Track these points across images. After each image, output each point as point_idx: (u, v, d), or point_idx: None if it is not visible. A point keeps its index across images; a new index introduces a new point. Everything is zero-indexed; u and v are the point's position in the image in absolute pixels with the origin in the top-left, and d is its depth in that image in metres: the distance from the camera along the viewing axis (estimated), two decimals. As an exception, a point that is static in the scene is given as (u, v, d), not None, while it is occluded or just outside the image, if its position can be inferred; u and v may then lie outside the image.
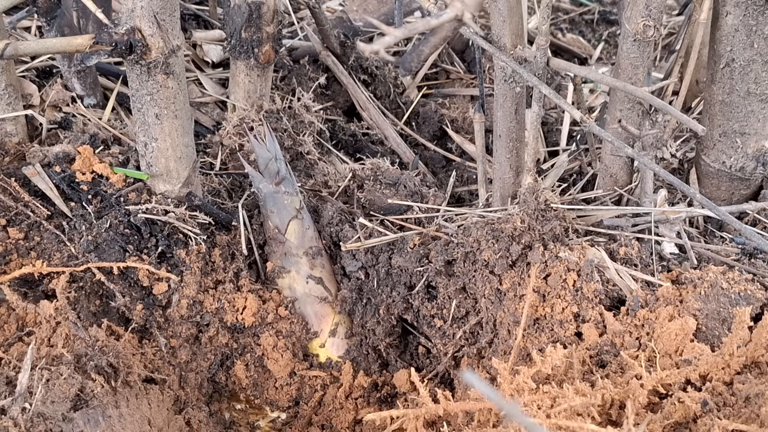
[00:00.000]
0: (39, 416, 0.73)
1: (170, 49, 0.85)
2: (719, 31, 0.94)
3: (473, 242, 0.96)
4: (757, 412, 0.65)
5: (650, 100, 0.84)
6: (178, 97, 0.91)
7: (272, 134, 1.06)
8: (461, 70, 1.56)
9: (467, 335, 1.00)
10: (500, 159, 0.99)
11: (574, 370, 0.79)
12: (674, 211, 0.99)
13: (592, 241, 0.96)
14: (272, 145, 1.04)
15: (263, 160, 1.03)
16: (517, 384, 0.73)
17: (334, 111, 1.37)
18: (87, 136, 1.04)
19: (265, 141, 1.04)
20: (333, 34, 1.33)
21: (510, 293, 0.92)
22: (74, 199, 0.97)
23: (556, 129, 1.44)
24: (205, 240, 0.99)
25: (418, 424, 0.79)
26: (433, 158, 1.38)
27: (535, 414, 0.68)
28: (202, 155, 1.12)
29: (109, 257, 0.93)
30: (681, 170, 1.14)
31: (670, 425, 0.69)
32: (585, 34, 2.00)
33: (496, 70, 0.92)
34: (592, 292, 0.87)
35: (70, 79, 1.13)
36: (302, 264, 1.04)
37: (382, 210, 1.11)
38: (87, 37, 0.82)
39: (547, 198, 0.94)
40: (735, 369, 0.72)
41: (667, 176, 0.85)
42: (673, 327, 0.78)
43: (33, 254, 0.92)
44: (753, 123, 0.97)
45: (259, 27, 1.09)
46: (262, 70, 1.15)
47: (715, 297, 0.83)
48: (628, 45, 0.91)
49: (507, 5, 0.85)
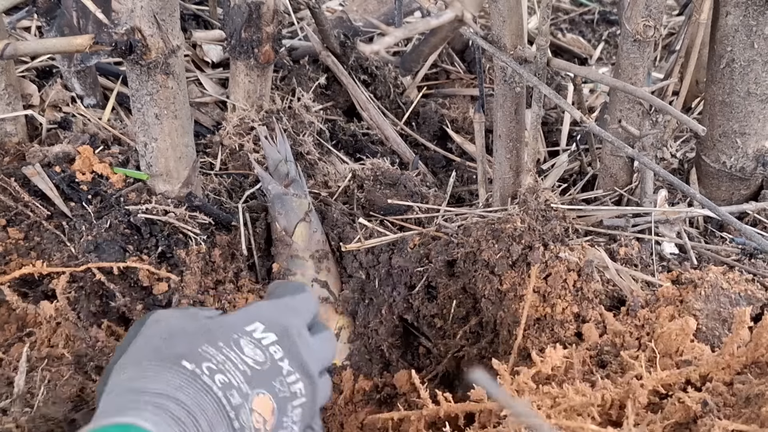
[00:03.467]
0: (42, 417, 0.73)
1: (170, 49, 0.85)
2: (719, 31, 0.94)
3: (473, 242, 0.96)
4: (757, 412, 0.65)
5: (650, 100, 0.84)
6: (178, 97, 0.91)
7: (283, 135, 1.05)
8: (461, 70, 1.56)
9: (467, 335, 1.00)
10: (500, 159, 0.99)
11: (575, 370, 0.79)
12: (674, 211, 0.99)
13: (592, 241, 0.96)
14: (283, 147, 1.03)
15: (273, 162, 1.02)
16: (518, 384, 0.74)
17: (334, 111, 1.36)
18: (87, 136, 1.04)
19: (276, 142, 1.04)
20: (333, 34, 1.33)
21: (510, 293, 0.92)
22: (74, 199, 0.97)
23: (556, 129, 1.44)
24: (205, 240, 0.99)
25: (419, 425, 0.79)
26: (433, 158, 1.38)
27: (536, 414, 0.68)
28: (202, 155, 1.12)
29: (109, 257, 0.93)
30: (681, 170, 1.14)
31: (671, 425, 0.69)
32: (585, 34, 2.00)
33: (496, 70, 0.92)
34: (593, 292, 0.87)
35: (70, 79, 1.13)
36: (308, 267, 1.04)
37: (382, 210, 1.11)
38: (87, 37, 0.81)
39: (547, 198, 0.94)
40: (735, 369, 0.72)
41: (667, 176, 0.85)
42: (673, 327, 0.78)
43: (33, 254, 0.92)
44: (753, 123, 0.97)
45: (259, 27, 1.09)
46: (262, 70, 1.15)
47: (716, 297, 0.83)
48: (628, 45, 0.91)
49: (507, 5, 0.85)
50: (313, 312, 0.76)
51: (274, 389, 0.65)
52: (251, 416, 0.61)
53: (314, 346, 0.71)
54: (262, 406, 0.63)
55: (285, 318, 0.70)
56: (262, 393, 0.64)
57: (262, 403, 0.63)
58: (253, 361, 0.64)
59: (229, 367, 0.62)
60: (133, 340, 0.64)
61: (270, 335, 0.67)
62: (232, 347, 0.64)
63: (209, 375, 0.60)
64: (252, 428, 0.61)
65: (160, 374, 0.60)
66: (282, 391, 0.66)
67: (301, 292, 0.75)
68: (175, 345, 0.63)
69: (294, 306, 0.73)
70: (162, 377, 0.59)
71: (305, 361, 0.68)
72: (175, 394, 0.58)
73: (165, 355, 0.62)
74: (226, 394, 0.60)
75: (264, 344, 0.66)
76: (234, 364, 0.63)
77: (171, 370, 0.60)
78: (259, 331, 0.67)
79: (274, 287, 0.78)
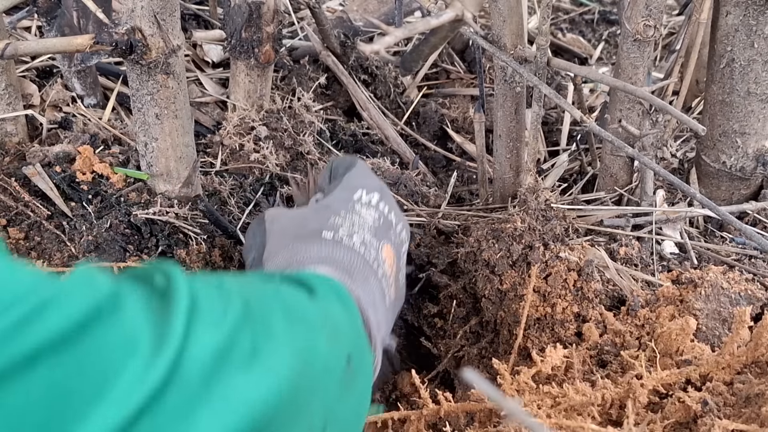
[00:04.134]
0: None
1: (170, 49, 0.85)
2: (719, 31, 0.94)
3: (473, 242, 0.96)
4: (757, 412, 0.65)
5: (650, 100, 0.84)
6: (179, 97, 0.91)
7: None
8: (461, 70, 1.56)
9: (468, 335, 1.00)
10: (500, 159, 0.99)
11: (575, 369, 0.79)
12: (674, 211, 0.99)
13: (593, 241, 0.96)
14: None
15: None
16: (518, 384, 0.74)
17: (334, 111, 1.36)
18: (87, 136, 1.04)
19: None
20: (333, 34, 1.33)
21: (510, 293, 0.92)
22: (75, 199, 0.97)
23: (556, 129, 1.44)
24: (205, 240, 0.99)
25: (420, 425, 0.79)
26: (433, 158, 1.38)
27: (536, 414, 0.68)
28: (202, 155, 1.12)
29: (109, 257, 0.93)
30: (681, 170, 1.14)
31: (671, 425, 0.69)
32: (585, 34, 2.00)
33: (496, 70, 0.92)
34: (593, 291, 0.87)
35: (70, 79, 1.13)
36: None
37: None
38: (87, 37, 0.81)
39: (547, 198, 0.94)
40: (735, 369, 0.72)
41: (668, 176, 0.85)
42: (673, 327, 0.78)
43: (33, 254, 0.92)
44: (753, 123, 0.97)
45: (259, 27, 1.09)
46: (263, 70, 1.15)
47: (716, 297, 0.83)
48: (628, 45, 0.91)
49: (507, 5, 0.85)
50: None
51: (391, 239, 0.75)
52: (384, 265, 0.72)
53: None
54: (388, 254, 0.73)
55: (373, 179, 0.80)
56: (385, 243, 0.73)
57: (387, 251, 0.73)
58: (372, 219, 0.74)
59: (358, 228, 0.72)
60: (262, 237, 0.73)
61: (374, 195, 0.77)
62: (353, 212, 0.74)
63: (348, 237, 0.70)
64: (386, 275, 0.72)
65: (309, 248, 0.68)
66: (396, 239, 0.76)
67: (357, 162, 0.84)
68: (307, 224, 0.72)
69: (367, 171, 0.83)
70: (312, 249, 0.68)
71: (400, 211, 0.80)
72: (330, 257, 0.67)
73: (305, 234, 0.70)
74: (366, 251, 0.70)
75: (373, 203, 0.76)
76: (360, 225, 0.72)
77: (316, 243, 0.69)
78: (365, 195, 0.76)
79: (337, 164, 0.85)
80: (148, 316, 0.38)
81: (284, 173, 1.13)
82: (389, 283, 0.73)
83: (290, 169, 1.14)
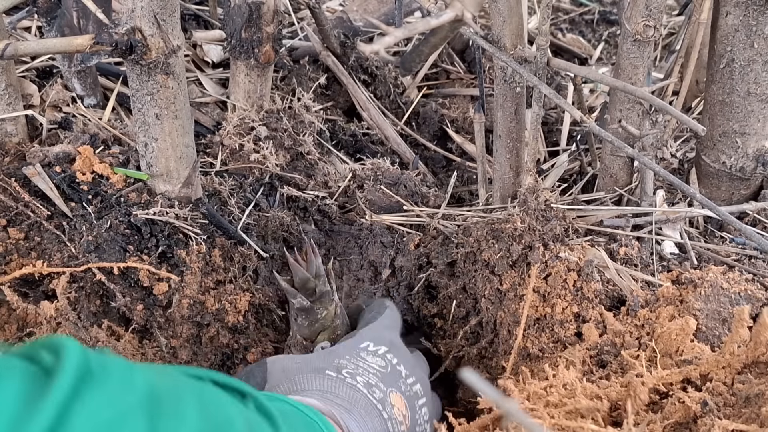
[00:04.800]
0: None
1: (170, 49, 0.85)
2: (719, 31, 0.94)
3: (473, 242, 0.96)
4: (757, 412, 0.65)
5: (650, 100, 0.84)
6: (179, 97, 0.91)
7: (315, 251, 0.98)
8: (461, 70, 1.55)
9: (468, 335, 1.00)
10: (500, 159, 0.99)
11: (575, 370, 0.79)
12: (674, 212, 0.99)
13: (592, 241, 0.96)
14: (312, 267, 0.97)
15: (301, 280, 0.96)
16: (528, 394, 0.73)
17: (334, 111, 1.36)
18: (87, 136, 1.04)
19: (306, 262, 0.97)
20: (333, 34, 1.33)
21: (510, 293, 0.92)
22: (74, 199, 0.97)
23: (556, 129, 1.44)
24: (205, 240, 0.99)
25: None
26: (433, 158, 1.38)
27: (540, 414, 0.68)
28: (202, 155, 1.12)
29: (109, 257, 0.93)
30: (681, 170, 1.14)
31: (671, 425, 0.69)
32: (585, 34, 2.00)
33: (496, 70, 0.92)
34: (593, 292, 0.87)
35: (70, 79, 1.13)
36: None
37: (383, 210, 1.11)
38: (87, 37, 0.81)
39: (547, 198, 0.94)
40: (735, 369, 0.72)
41: (667, 176, 0.86)
42: (673, 327, 0.78)
43: (33, 254, 0.92)
44: (753, 123, 0.97)
45: (259, 27, 1.09)
46: (262, 70, 1.15)
47: (716, 297, 0.83)
48: (628, 45, 0.91)
49: (507, 5, 0.85)
50: (399, 323, 0.87)
51: (401, 388, 0.74)
52: (393, 410, 0.70)
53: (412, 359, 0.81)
54: (398, 402, 0.72)
55: (386, 333, 0.81)
56: (393, 391, 0.72)
57: (397, 399, 0.72)
58: (378, 365, 0.74)
59: (363, 371, 0.72)
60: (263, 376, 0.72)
61: (381, 347, 0.77)
62: (358, 357, 0.74)
63: (351, 377, 0.70)
64: (396, 420, 0.70)
65: (311, 382, 0.68)
66: (407, 390, 0.75)
67: (386, 309, 0.86)
68: (311, 364, 0.72)
69: (387, 324, 0.83)
70: (314, 383, 0.68)
71: (414, 366, 0.79)
72: (332, 391, 0.67)
73: (308, 371, 0.70)
74: (370, 391, 0.69)
75: (380, 353, 0.76)
76: (365, 369, 0.72)
77: (319, 377, 0.69)
78: (372, 346, 0.77)
79: (364, 313, 0.88)
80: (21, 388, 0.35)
81: (284, 173, 1.13)
82: (400, 430, 0.70)
83: (290, 169, 1.14)
